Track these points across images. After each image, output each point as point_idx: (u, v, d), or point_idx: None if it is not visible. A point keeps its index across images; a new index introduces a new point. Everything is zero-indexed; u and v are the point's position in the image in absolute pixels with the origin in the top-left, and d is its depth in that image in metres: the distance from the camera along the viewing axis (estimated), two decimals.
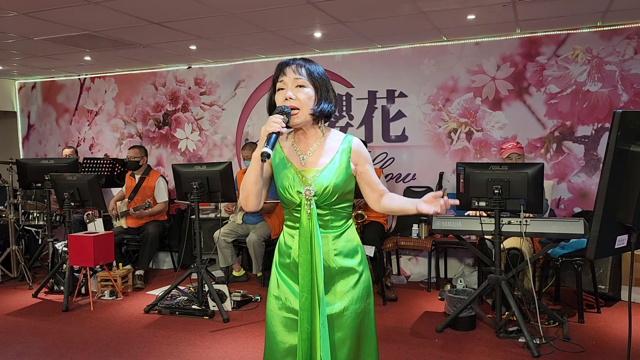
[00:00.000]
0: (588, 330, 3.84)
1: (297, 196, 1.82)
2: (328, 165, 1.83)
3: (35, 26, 4.60)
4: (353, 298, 1.85)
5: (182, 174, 4.52)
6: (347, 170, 1.84)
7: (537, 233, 3.71)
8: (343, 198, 1.86)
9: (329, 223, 1.85)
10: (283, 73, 1.84)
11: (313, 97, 1.82)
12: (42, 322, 4.26)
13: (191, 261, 5.47)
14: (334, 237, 1.86)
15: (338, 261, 1.85)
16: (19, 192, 5.69)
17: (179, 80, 6.66)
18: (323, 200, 1.82)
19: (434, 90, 5.54)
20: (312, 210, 1.79)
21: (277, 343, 1.86)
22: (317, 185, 1.81)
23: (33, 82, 7.49)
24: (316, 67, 1.86)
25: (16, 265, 5.60)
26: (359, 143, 1.90)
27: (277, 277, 1.91)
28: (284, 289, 1.88)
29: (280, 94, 1.83)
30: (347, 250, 1.88)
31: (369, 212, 4.97)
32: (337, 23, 4.64)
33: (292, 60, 1.85)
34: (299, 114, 1.80)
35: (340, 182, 1.82)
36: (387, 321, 4.13)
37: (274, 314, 1.89)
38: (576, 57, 5.04)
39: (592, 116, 5.03)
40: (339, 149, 1.86)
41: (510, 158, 4.29)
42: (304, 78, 1.81)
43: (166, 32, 4.84)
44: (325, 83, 1.85)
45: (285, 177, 1.85)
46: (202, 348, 3.63)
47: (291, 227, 1.90)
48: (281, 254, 1.92)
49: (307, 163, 1.86)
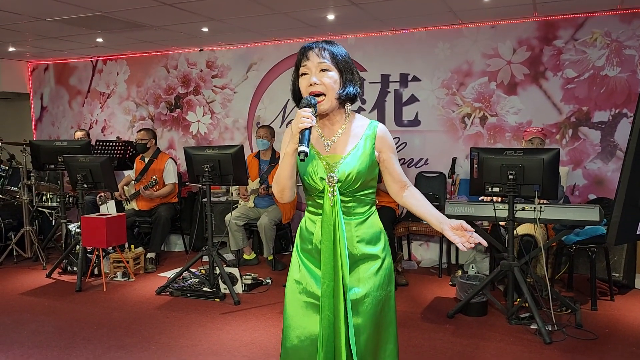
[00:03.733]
0: (601, 317, 3.81)
1: (321, 182, 1.80)
2: (352, 152, 1.80)
3: (47, 7, 4.58)
4: (374, 285, 1.84)
5: (194, 157, 4.52)
6: (371, 157, 1.81)
7: (551, 219, 3.66)
8: (366, 185, 1.83)
9: (352, 210, 1.83)
10: (306, 57, 1.78)
11: (338, 81, 1.77)
12: (55, 301, 4.32)
13: (202, 244, 5.50)
14: (357, 223, 1.84)
15: (360, 248, 1.84)
16: (33, 174, 5.74)
17: (190, 63, 6.63)
18: (346, 186, 1.79)
19: (448, 74, 5.46)
20: (336, 197, 1.77)
21: (297, 327, 1.85)
22: (340, 171, 1.78)
23: (46, 64, 7.50)
24: (339, 49, 1.80)
25: (30, 246, 5.67)
26: (384, 130, 1.87)
27: (299, 262, 1.89)
28: (305, 274, 1.86)
29: (304, 79, 1.78)
30: (370, 237, 1.86)
31: (381, 197, 4.95)
32: (350, 5, 4.57)
33: (315, 43, 1.79)
34: (325, 100, 1.76)
35: (364, 169, 1.80)
36: (398, 306, 4.09)
37: (294, 297, 1.87)
38: (594, 41, 4.94)
39: (610, 101, 4.93)
40: (363, 135, 1.83)
41: (532, 142, 4.24)
42: (328, 61, 1.76)
43: (178, 13, 4.80)
44: (349, 65, 1.80)
45: (309, 163, 1.82)
46: (213, 330, 3.65)
47: (313, 213, 1.87)
48: (302, 240, 1.90)
49: (331, 149, 1.83)
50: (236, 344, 3.40)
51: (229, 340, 3.47)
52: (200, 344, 3.42)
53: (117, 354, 3.27)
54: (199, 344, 3.41)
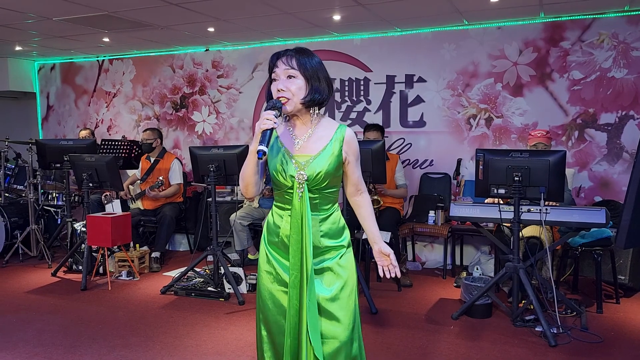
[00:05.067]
0: (607, 320, 3.79)
1: (290, 179, 1.91)
2: (322, 152, 1.91)
3: (54, 6, 4.60)
4: (338, 263, 1.95)
5: (199, 157, 4.52)
6: (339, 158, 1.93)
7: (557, 222, 3.65)
8: (332, 183, 1.94)
9: (318, 206, 1.95)
10: (275, 64, 1.91)
11: (303, 87, 1.88)
12: (60, 300, 4.33)
13: (207, 243, 5.51)
14: (321, 219, 1.96)
15: (324, 242, 1.95)
16: (39, 173, 5.76)
17: (196, 63, 6.65)
18: (314, 184, 1.90)
19: (454, 76, 5.45)
20: (304, 194, 1.88)
21: (268, 317, 1.97)
22: (310, 170, 1.89)
23: (52, 63, 7.53)
24: (308, 58, 1.91)
25: (36, 245, 5.69)
26: (352, 134, 1.97)
27: (267, 254, 2.01)
28: (274, 264, 1.97)
29: (274, 85, 1.91)
30: (333, 232, 1.97)
31: (385, 198, 4.95)
32: (356, 5, 4.57)
33: (284, 51, 1.92)
34: (289, 102, 1.88)
35: (332, 168, 1.91)
36: (403, 307, 4.12)
37: (266, 287, 1.99)
38: (601, 43, 4.91)
39: (617, 103, 4.91)
40: (333, 138, 1.93)
41: (536, 147, 4.20)
42: (295, 69, 1.88)
43: (184, 13, 4.81)
44: (316, 73, 1.90)
45: (279, 161, 1.93)
46: (218, 329, 3.66)
47: (280, 208, 1.98)
48: (270, 233, 2.02)
49: (301, 148, 1.93)
50: (240, 344, 3.41)
51: (233, 340, 3.47)
52: (205, 343, 3.42)
53: (122, 353, 3.27)
54: (203, 344, 3.41)
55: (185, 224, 6.03)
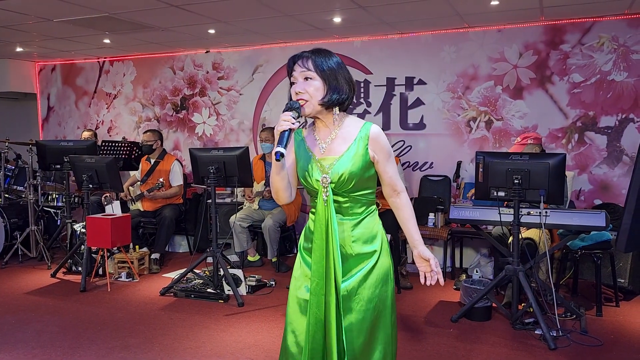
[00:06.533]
0: (606, 324, 3.79)
1: (316, 184, 1.87)
2: (345, 153, 1.85)
3: (55, 8, 4.60)
4: (368, 283, 1.87)
5: (199, 158, 4.53)
6: (365, 157, 1.85)
7: (557, 225, 3.65)
8: (362, 185, 1.87)
9: (348, 210, 1.88)
10: (293, 67, 1.88)
11: (321, 88, 1.84)
12: (60, 301, 4.33)
13: (207, 245, 5.50)
14: (353, 224, 1.88)
15: (355, 248, 1.88)
16: (39, 174, 5.76)
17: (197, 65, 6.65)
18: (340, 187, 1.85)
19: (454, 78, 5.46)
20: (329, 198, 1.82)
21: (292, 323, 1.93)
22: (333, 173, 1.84)
23: (53, 64, 7.54)
24: (324, 58, 1.86)
25: (35, 246, 5.69)
26: (378, 131, 1.90)
27: (300, 260, 1.98)
28: (305, 270, 1.93)
29: (293, 88, 1.88)
30: (366, 237, 1.89)
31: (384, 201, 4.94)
32: (357, 8, 4.58)
33: (301, 53, 1.88)
34: (308, 104, 1.84)
35: (357, 169, 1.84)
36: (402, 310, 4.12)
37: (292, 294, 1.95)
38: (602, 46, 4.92)
39: (616, 106, 4.92)
40: (357, 137, 1.87)
41: None
42: (311, 70, 1.84)
43: (185, 15, 4.81)
44: (334, 72, 1.85)
45: (306, 166, 1.90)
46: (217, 331, 3.66)
47: (313, 214, 1.93)
48: (305, 239, 1.98)
49: (325, 151, 1.89)
50: (240, 346, 3.40)
51: (233, 342, 3.47)
52: (204, 345, 3.42)
53: (121, 354, 3.27)
54: (202, 346, 3.41)
55: (185, 226, 6.03)
